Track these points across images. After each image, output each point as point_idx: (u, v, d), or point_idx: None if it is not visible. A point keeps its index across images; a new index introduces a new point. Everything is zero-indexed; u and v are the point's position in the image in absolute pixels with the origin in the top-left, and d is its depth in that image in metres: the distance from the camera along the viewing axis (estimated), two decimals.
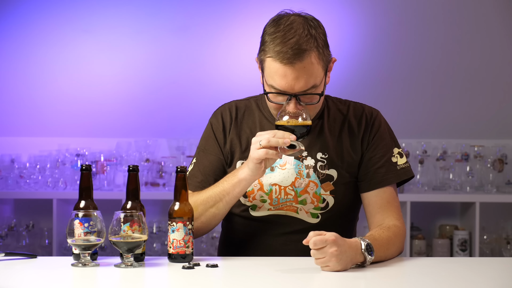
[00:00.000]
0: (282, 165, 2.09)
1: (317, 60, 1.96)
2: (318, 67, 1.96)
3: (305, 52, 1.92)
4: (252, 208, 2.10)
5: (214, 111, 2.21)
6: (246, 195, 2.09)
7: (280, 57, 1.92)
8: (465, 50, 4.46)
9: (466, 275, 1.81)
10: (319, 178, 2.08)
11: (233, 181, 1.99)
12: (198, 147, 2.19)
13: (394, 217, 2.04)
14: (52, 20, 4.41)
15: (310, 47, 1.94)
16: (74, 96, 4.42)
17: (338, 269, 1.76)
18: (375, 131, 2.11)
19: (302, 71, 1.93)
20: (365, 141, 2.11)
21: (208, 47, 4.44)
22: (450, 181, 4.23)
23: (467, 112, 4.46)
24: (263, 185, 2.08)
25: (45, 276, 1.76)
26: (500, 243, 4.15)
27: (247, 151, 2.10)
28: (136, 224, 1.83)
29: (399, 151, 2.12)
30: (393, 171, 2.08)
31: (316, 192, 2.07)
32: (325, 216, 2.08)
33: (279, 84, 1.95)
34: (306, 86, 1.95)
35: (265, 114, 2.14)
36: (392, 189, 2.08)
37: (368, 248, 1.82)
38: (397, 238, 1.99)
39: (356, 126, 2.12)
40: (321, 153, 2.09)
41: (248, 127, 2.14)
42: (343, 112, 2.14)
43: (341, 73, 4.33)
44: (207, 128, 2.20)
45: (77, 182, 4.07)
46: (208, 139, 2.17)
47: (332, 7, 4.45)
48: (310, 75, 1.94)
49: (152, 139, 4.32)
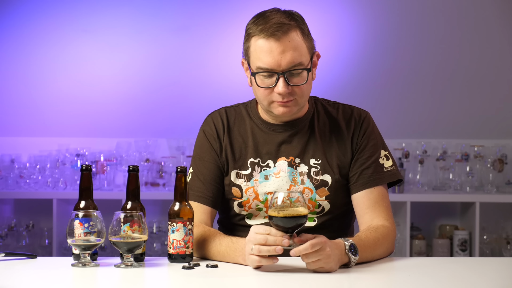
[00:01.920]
0: (276, 173, 2.08)
1: (301, 38, 1.98)
2: (303, 46, 1.98)
3: (289, 27, 1.96)
4: (248, 217, 2.10)
5: (205, 119, 2.19)
6: (242, 204, 2.09)
7: (264, 33, 1.95)
8: (465, 50, 4.46)
9: (466, 275, 1.81)
10: (313, 184, 2.07)
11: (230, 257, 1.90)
12: (193, 156, 2.15)
13: (383, 217, 2.04)
14: (52, 20, 4.41)
15: (293, 25, 1.97)
16: (74, 96, 4.42)
17: (331, 269, 1.76)
18: (363, 132, 2.11)
19: (287, 45, 1.95)
20: (354, 142, 2.10)
21: (208, 47, 4.44)
22: (450, 181, 4.23)
23: (467, 112, 4.46)
24: (258, 194, 2.08)
25: (45, 276, 1.76)
26: (500, 243, 4.15)
27: (240, 160, 2.10)
28: (136, 224, 1.83)
29: (386, 153, 2.11)
30: (380, 172, 2.08)
31: (311, 198, 2.07)
32: (321, 220, 2.08)
33: (265, 62, 1.95)
34: (293, 62, 1.95)
35: (256, 122, 2.13)
36: (380, 189, 2.07)
37: (352, 248, 1.82)
38: (385, 239, 1.98)
39: (345, 128, 2.11)
40: (314, 159, 2.08)
41: (240, 135, 2.13)
42: (333, 115, 2.13)
43: (341, 73, 4.34)
44: (200, 137, 2.16)
45: (77, 182, 4.07)
46: (202, 147, 2.13)
47: (332, 7, 4.45)
48: (295, 49, 1.95)
49: (152, 139, 4.32)
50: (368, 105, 2.25)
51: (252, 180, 2.08)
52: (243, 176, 2.09)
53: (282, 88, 1.95)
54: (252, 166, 2.09)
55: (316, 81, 2.11)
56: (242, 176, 2.09)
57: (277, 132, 2.11)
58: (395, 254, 3.94)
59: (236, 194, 2.09)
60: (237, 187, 2.09)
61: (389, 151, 2.14)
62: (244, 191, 2.08)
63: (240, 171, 2.10)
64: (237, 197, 2.09)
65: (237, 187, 2.09)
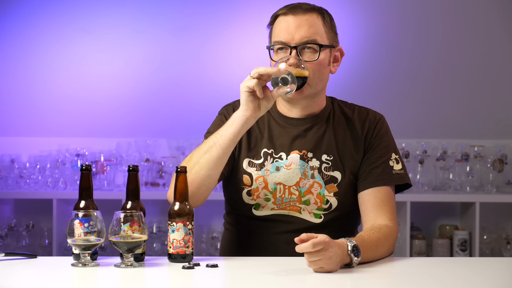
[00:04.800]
0: (288, 165, 2.10)
1: (322, 23, 2.04)
2: (321, 28, 2.03)
3: (311, 9, 2.03)
4: (256, 208, 2.12)
5: (225, 105, 2.21)
6: (251, 193, 2.11)
7: (285, 10, 2.03)
8: (465, 50, 4.46)
9: (466, 275, 1.81)
10: (323, 180, 2.09)
11: (227, 123, 1.98)
12: (208, 131, 2.16)
13: (387, 217, 2.05)
14: (52, 20, 4.41)
15: (316, 10, 2.05)
16: (74, 96, 4.42)
17: (332, 270, 1.76)
18: (377, 133, 2.14)
19: (304, 21, 2.01)
20: (367, 142, 2.13)
21: (208, 47, 4.44)
22: (450, 181, 4.23)
23: (467, 112, 4.46)
24: (268, 183, 2.10)
25: (45, 276, 1.76)
26: (500, 243, 4.15)
27: (254, 149, 2.12)
28: (136, 224, 1.83)
29: (396, 157, 2.13)
30: (389, 173, 2.10)
31: (320, 193, 2.08)
32: (328, 217, 2.09)
33: (281, 35, 2.01)
34: (307, 37, 2.00)
35: (273, 115, 2.16)
36: (387, 189, 2.09)
37: (355, 249, 1.82)
38: (387, 239, 1.99)
39: (360, 128, 2.14)
40: (326, 155, 2.11)
41: (257, 126, 2.15)
42: (348, 115, 2.17)
43: (341, 73, 4.31)
44: (218, 118, 2.19)
45: (77, 182, 4.07)
46: (220, 125, 2.10)
47: (332, 7, 4.42)
48: (311, 26, 2.01)
49: (152, 139, 4.32)
50: (368, 105, 2.25)
51: (263, 170, 2.11)
52: (255, 165, 2.12)
53: (292, 59, 1.97)
54: (265, 156, 2.12)
55: None
56: (254, 165, 2.12)
57: (292, 125, 2.13)
58: (395, 254, 3.94)
59: (246, 182, 2.11)
60: (248, 175, 2.11)
61: (400, 156, 2.16)
62: (254, 179, 2.11)
63: (253, 160, 2.12)
64: (247, 185, 2.11)
65: (248, 175, 2.11)
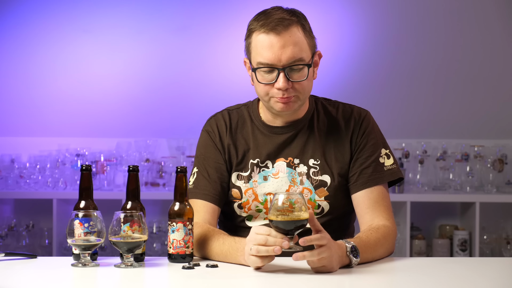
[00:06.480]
0: (275, 174, 2.08)
1: (302, 34, 1.98)
2: (304, 42, 1.97)
3: (289, 23, 1.95)
4: (248, 219, 2.10)
5: (208, 120, 2.18)
6: (242, 206, 2.09)
7: (265, 28, 1.95)
8: (465, 50, 4.46)
9: (466, 275, 1.81)
10: (312, 185, 2.06)
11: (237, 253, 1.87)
12: (197, 156, 2.14)
13: (383, 217, 2.03)
14: (52, 20, 4.41)
15: (294, 21, 1.97)
16: (74, 96, 4.42)
17: (331, 270, 1.76)
18: (363, 132, 2.09)
19: (288, 40, 1.94)
20: (353, 142, 2.09)
21: (208, 47, 4.44)
22: (450, 181, 4.23)
23: (467, 112, 4.46)
24: (258, 195, 2.08)
25: (45, 276, 1.76)
26: (500, 243, 4.15)
27: (242, 163, 2.10)
28: (136, 224, 1.83)
29: (387, 152, 2.10)
30: (380, 171, 2.07)
31: (310, 199, 2.06)
32: (321, 221, 2.06)
33: (266, 57, 1.95)
34: (294, 57, 1.95)
35: (257, 124, 2.12)
36: (380, 189, 2.06)
37: (353, 251, 1.81)
38: (386, 239, 1.97)
39: (344, 128, 2.10)
40: (313, 160, 2.08)
41: (243, 138, 2.12)
42: (332, 115, 2.12)
43: (341, 73, 4.33)
44: (202, 137, 2.15)
45: (77, 182, 4.07)
46: (207, 147, 2.12)
47: (332, 7, 4.45)
48: (295, 44, 1.95)
49: (152, 139, 4.32)
50: (368, 105, 2.25)
51: (251, 181, 2.08)
52: (243, 178, 2.09)
53: (282, 83, 1.94)
54: (251, 167, 2.09)
55: (316, 80, 2.10)
56: (242, 177, 2.09)
57: (277, 134, 2.10)
58: (395, 254, 3.94)
59: (235, 196, 2.09)
60: (237, 189, 2.09)
61: (390, 150, 2.12)
62: (243, 192, 2.08)
63: (241, 173, 2.10)
64: (237, 199, 2.09)
65: (237, 188, 2.09)
